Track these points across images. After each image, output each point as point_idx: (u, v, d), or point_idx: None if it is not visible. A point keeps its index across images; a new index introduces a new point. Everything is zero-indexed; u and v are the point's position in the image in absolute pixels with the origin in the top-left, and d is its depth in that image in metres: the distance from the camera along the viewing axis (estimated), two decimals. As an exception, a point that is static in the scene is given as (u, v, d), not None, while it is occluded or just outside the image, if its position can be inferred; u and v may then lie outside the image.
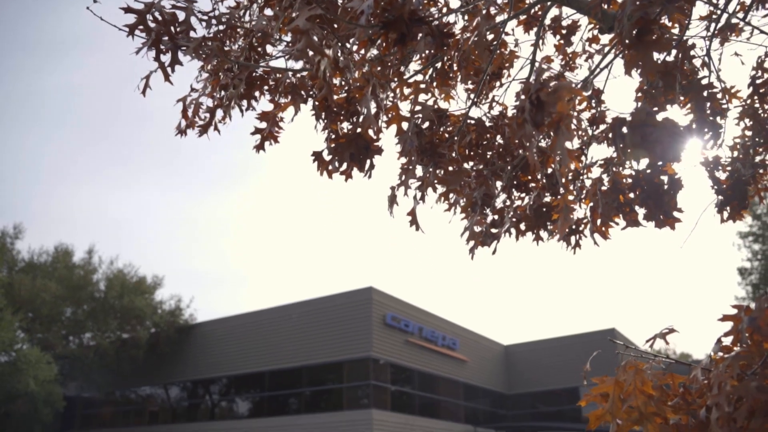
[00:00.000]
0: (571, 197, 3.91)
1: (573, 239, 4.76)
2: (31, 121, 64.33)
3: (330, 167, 3.62)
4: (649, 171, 3.15)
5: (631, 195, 3.20)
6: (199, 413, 26.77)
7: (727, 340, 2.32)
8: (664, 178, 3.35)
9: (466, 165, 4.33)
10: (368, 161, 3.58)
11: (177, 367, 27.50)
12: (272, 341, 24.36)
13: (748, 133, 4.72)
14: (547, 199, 4.68)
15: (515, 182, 4.50)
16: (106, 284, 27.72)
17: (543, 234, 4.70)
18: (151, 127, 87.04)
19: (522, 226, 4.71)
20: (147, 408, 28.99)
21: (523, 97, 2.18)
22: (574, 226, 4.75)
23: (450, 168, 3.78)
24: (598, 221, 3.29)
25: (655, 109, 3.88)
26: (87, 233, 79.16)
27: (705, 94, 3.64)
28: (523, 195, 4.73)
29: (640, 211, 3.38)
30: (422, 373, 24.05)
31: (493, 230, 4.23)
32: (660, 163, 3.54)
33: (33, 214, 70.44)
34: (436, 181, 3.67)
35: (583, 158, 4.63)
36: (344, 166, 3.62)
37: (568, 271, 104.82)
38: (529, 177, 4.44)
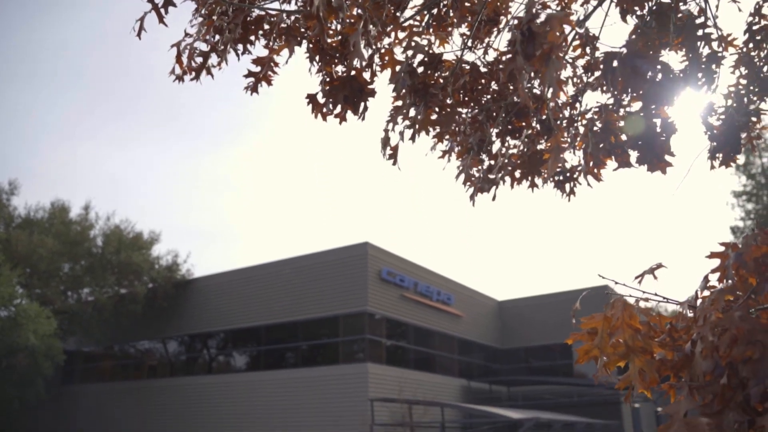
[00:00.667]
0: (564, 140, 3.92)
1: (567, 186, 4.79)
2: (26, 77, 63.58)
3: (324, 110, 3.63)
4: (642, 114, 3.15)
5: (624, 137, 3.21)
6: (196, 367, 27.17)
7: (714, 277, 2.34)
8: (657, 122, 3.36)
9: (460, 110, 4.33)
10: (362, 104, 3.58)
11: (174, 321, 27.79)
12: (269, 296, 24.58)
13: (743, 81, 4.70)
14: (542, 146, 4.70)
15: (510, 128, 4.50)
16: (103, 240, 27.80)
17: (538, 181, 4.72)
18: (149, 84, 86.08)
19: (517, 174, 4.74)
20: (146, 362, 29.39)
21: (515, 30, 2.18)
22: (568, 174, 4.78)
23: (443, 111, 3.78)
24: (591, 163, 3.30)
25: (651, 53, 3.87)
26: (83, 190, 78.93)
27: (699, 33, 3.62)
28: (518, 143, 4.74)
29: (633, 155, 3.40)
30: (417, 328, 24.36)
31: (491, 176, 4.25)
32: (653, 107, 3.54)
33: (28, 171, 70.07)
34: (428, 125, 3.68)
35: (577, 105, 4.63)
36: (338, 108, 3.62)
37: (562, 228, 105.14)
38: (524, 123, 4.45)
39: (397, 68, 3.61)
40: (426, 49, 3.70)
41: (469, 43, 4.15)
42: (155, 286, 27.34)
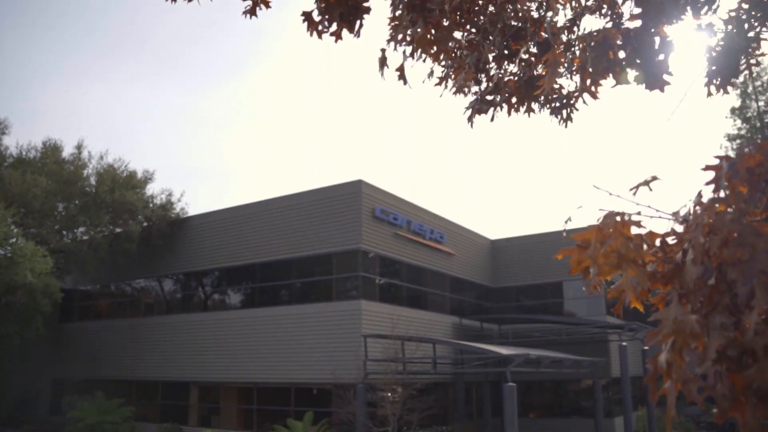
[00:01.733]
0: (560, 53, 3.89)
1: (564, 113, 4.79)
2: (16, 17, 62.04)
3: (320, 27, 3.59)
4: (641, 30, 3.14)
5: (622, 54, 3.21)
6: (192, 305, 27.49)
7: (708, 190, 2.36)
8: (656, 39, 3.34)
9: (457, 33, 4.28)
10: (358, 22, 3.55)
11: (170, 260, 27.97)
12: (263, 234, 24.70)
13: (745, 6, 4.65)
14: (539, 71, 4.67)
15: (506, 51, 4.47)
16: (96, 179, 27.66)
17: (535, 106, 4.71)
18: (144, 22, 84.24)
19: (513, 100, 4.72)
20: (142, 300, 29.71)
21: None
22: (564, 100, 4.76)
23: (440, 31, 3.75)
24: (588, 81, 3.30)
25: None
26: (75, 131, 78.16)
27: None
28: (515, 69, 4.71)
29: (631, 73, 3.39)
30: (410, 266, 24.61)
31: (488, 98, 4.24)
32: (652, 30, 3.51)
33: (19, 112, 69.20)
34: (426, 45, 3.65)
35: (575, 30, 4.58)
36: (334, 26, 3.58)
37: (557, 168, 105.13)
38: (521, 46, 4.41)
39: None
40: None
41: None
42: (150, 225, 27.40)
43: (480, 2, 4.35)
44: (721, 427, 32.05)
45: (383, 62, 3.69)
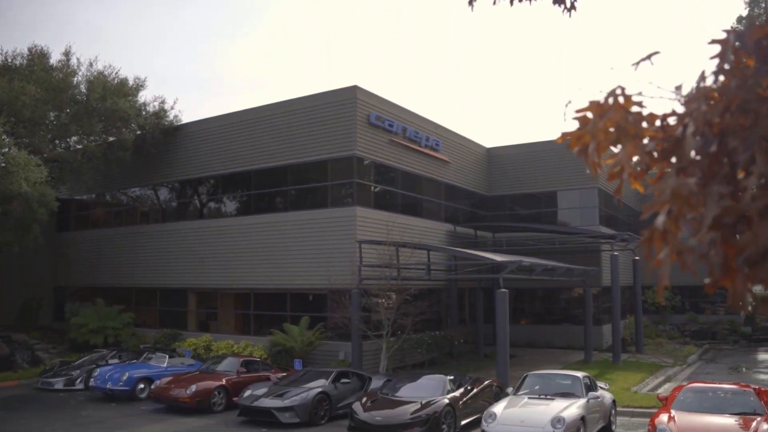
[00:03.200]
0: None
1: (568, 1, 4.64)
2: None
3: None
4: None
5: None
6: (188, 213, 27.61)
7: (713, 66, 2.29)
8: None
9: None
10: None
11: (164, 168, 27.89)
12: (258, 141, 24.53)
13: None
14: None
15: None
16: (87, 87, 27.11)
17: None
18: None
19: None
20: (138, 208, 29.81)
21: None
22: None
23: None
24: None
25: None
26: (61, 38, 76.02)
27: None
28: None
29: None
30: (405, 173, 24.59)
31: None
32: None
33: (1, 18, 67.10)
34: None
35: None
36: None
37: (556, 72, 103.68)
38: None
39: None
40: None
41: None
42: (143, 133, 27.14)
43: None
44: (703, 335, 33.07)
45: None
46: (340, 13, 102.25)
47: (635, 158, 2.13)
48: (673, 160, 2.10)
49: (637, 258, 28.38)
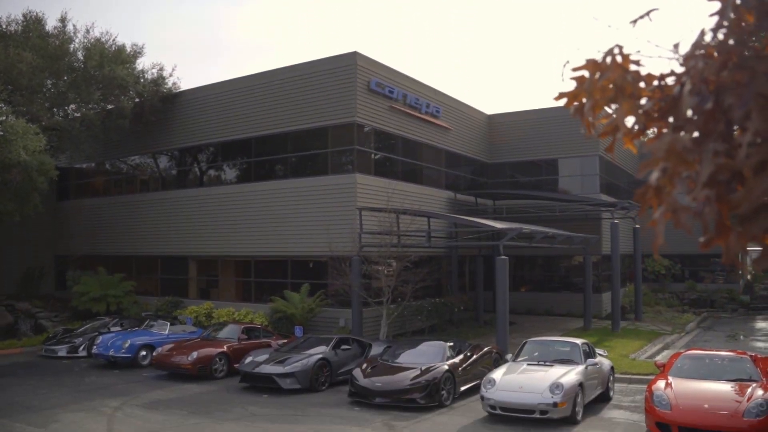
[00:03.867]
0: None
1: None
2: None
3: None
4: None
5: None
6: (188, 181, 27.53)
7: (712, 22, 2.21)
8: None
9: None
10: None
11: (164, 136, 27.74)
12: (257, 108, 24.34)
13: None
14: None
15: None
16: (84, 54, 26.83)
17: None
18: None
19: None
20: (138, 177, 29.74)
21: None
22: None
23: None
24: None
25: None
26: (56, 3, 75.14)
27: None
28: None
29: None
30: (405, 140, 24.44)
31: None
32: None
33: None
34: None
35: None
36: None
37: (556, 38, 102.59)
38: None
39: None
40: None
41: None
42: (142, 101, 26.93)
43: None
44: (702, 303, 33.20)
45: None
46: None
47: (631, 118, 2.11)
48: (671, 119, 2.07)
49: (637, 226, 28.36)
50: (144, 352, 18.74)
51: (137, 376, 17.32)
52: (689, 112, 1.93)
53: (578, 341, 13.86)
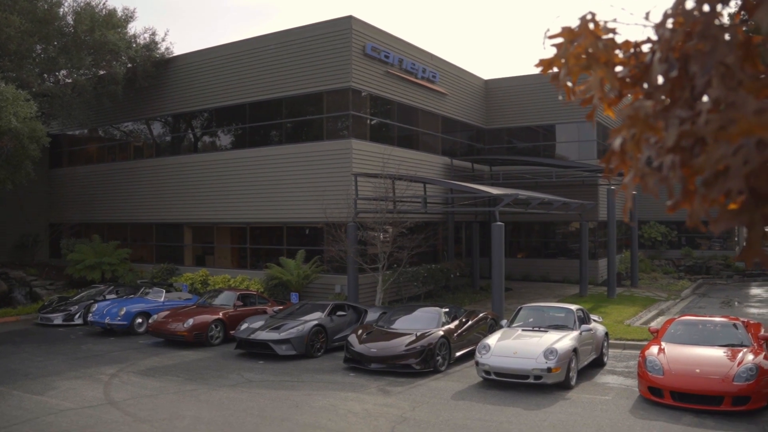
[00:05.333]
0: None
1: None
2: None
3: None
4: None
5: None
6: (182, 147, 27.29)
7: None
8: None
9: None
10: None
11: (157, 102, 27.42)
12: (252, 73, 24.01)
13: None
14: None
15: None
16: (74, 18, 26.33)
17: None
18: None
19: None
20: (131, 143, 29.46)
21: None
22: None
23: None
24: None
25: None
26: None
27: None
28: None
29: None
30: (401, 105, 24.19)
31: None
32: None
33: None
34: None
35: None
36: None
37: (555, 2, 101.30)
38: None
39: None
40: None
41: None
42: (134, 66, 26.51)
43: None
44: (697, 269, 33.32)
45: None
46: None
47: (607, 85, 2.16)
48: (645, 86, 2.12)
49: (634, 192, 28.28)
50: (140, 320, 18.75)
51: (133, 344, 17.34)
52: (660, 79, 1.96)
53: (573, 307, 13.88)
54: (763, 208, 1.71)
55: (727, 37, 1.80)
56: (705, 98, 1.82)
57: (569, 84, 2.22)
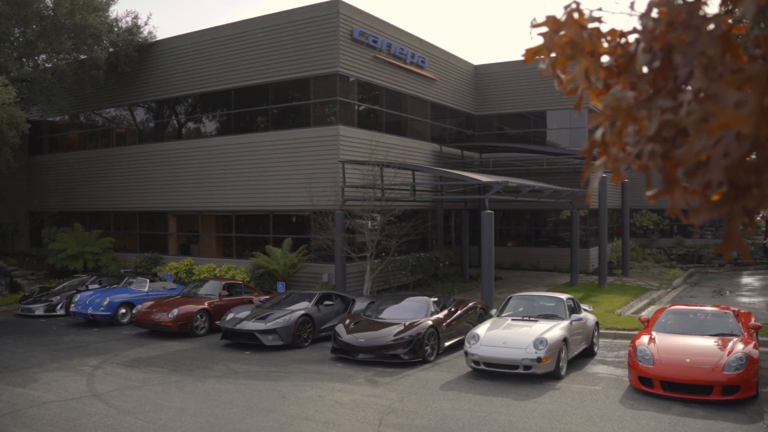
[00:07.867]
0: None
1: None
2: None
3: None
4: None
5: None
6: (166, 133, 26.80)
7: None
8: None
9: None
10: None
11: (140, 87, 26.89)
12: (237, 58, 23.54)
13: None
14: None
15: None
16: (53, 1, 25.71)
17: None
18: None
19: None
20: (113, 130, 28.92)
21: None
22: None
23: None
24: None
25: None
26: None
27: None
28: None
29: None
30: (390, 91, 23.84)
31: None
32: None
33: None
34: None
35: None
36: None
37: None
38: None
39: None
40: None
41: None
42: (116, 51, 25.95)
43: None
44: (689, 258, 33.30)
45: None
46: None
47: (592, 75, 2.15)
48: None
49: (626, 180, 28.12)
50: (123, 310, 18.39)
51: (117, 334, 17.01)
52: (644, 69, 1.96)
53: (563, 296, 13.69)
54: (742, 200, 1.71)
55: (710, 27, 1.81)
56: (689, 89, 1.81)
57: (559, 74, 2.21)
